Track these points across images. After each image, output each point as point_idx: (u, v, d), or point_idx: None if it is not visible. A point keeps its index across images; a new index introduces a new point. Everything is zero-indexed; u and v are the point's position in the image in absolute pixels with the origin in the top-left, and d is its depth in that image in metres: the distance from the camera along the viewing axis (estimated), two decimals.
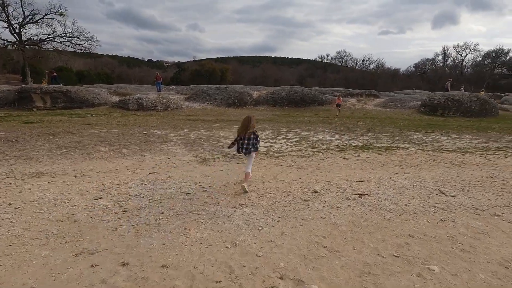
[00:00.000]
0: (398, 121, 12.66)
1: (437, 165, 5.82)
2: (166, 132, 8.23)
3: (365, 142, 8.04)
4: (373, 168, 5.48)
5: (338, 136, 8.84)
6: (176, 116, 12.36)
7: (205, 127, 9.68)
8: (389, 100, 18.47)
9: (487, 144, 8.03)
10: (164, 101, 14.05)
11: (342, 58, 75.81)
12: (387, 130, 10.00)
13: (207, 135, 8.23)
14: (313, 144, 7.57)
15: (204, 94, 17.30)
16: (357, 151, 6.86)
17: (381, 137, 8.80)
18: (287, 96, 17.58)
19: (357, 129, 10.11)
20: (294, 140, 8.10)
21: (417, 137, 8.84)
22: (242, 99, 17.06)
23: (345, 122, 11.89)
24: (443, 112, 15.41)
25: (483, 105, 16.38)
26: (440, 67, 67.66)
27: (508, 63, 61.94)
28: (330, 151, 6.87)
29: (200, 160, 5.84)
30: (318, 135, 8.94)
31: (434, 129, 10.70)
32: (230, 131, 9.04)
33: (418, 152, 6.95)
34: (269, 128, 10.00)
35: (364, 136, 8.91)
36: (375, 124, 11.50)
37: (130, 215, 3.27)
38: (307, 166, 5.57)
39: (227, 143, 7.34)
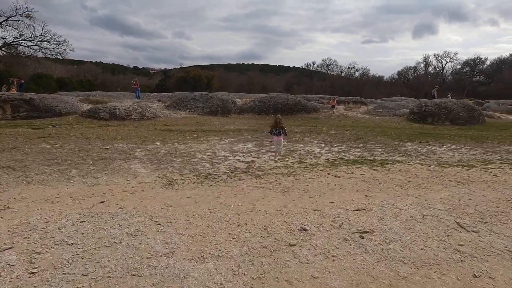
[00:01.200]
0: (389, 130, 12.07)
1: (441, 184, 5.07)
2: (133, 146, 7.18)
3: (357, 155, 7.27)
4: (371, 190, 4.65)
5: (328, 148, 8.04)
6: (151, 126, 11.28)
7: (181, 139, 8.67)
8: (377, 108, 18.03)
9: (487, 156, 7.42)
10: (140, 109, 12.95)
11: (328, 65, 76.68)
12: (379, 141, 9.31)
13: (181, 149, 7.24)
14: (300, 158, 6.72)
15: (185, 102, 16.29)
16: (350, 167, 6.04)
17: (374, 148, 8.07)
18: (273, 104, 16.82)
19: (347, 140, 9.37)
20: None
21: (412, 148, 8.17)
22: (225, 107, 16.16)
23: (334, 132, 11.17)
24: (432, 119, 15.02)
25: (471, 112, 16.16)
26: (422, 75, 69.41)
27: (486, 71, 64.33)
28: (320, 167, 6.03)
29: (166, 182, 4.85)
30: (306, 147, 8.11)
31: (427, 138, 10.11)
32: (208, 144, 8.09)
33: (417, 167, 6.22)
34: (252, 139, 9.10)
35: (356, 147, 8.15)
36: (365, 134, 10.83)
37: (37, 280, 2.25)
38: (294, 188, 4.68)
39: (202, 159, 6.40)
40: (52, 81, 46.40)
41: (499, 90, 52.91)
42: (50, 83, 44.92)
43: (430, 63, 69.28)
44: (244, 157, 6.72)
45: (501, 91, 52.15)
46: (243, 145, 8.08)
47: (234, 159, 6.55)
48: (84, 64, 77.55)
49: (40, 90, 33.56)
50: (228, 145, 8.08)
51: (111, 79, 70.02)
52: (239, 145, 8.07)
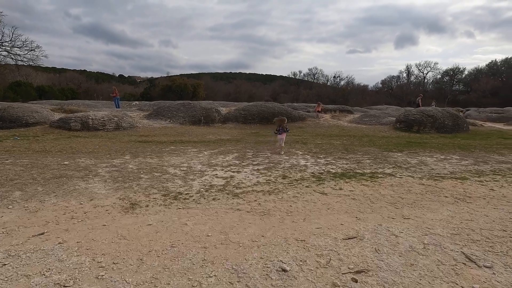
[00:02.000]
0: (376, 139, 11.75)
1: (438, 200, 4.60)
2: (98, 161, 6.41)
3: (345, 167, 6.78)
4: (362, 210, 4.12)
5: (314, 160, 7.53)
6: (126, 137, 10.48)
7: (155, 151, 7.96)
8: (364, 116, 17.87)
9: (478, 167, 7.10)
10: (116, 119, 12.13)
11: (314, 74, 77.69)
12: (367, 151, 8.90)
13: (152, 163, 6.53)
14: (284, 172, 6.16)
15: (166, 111, 15.56)
16: (337, 182, 5.52)
17: (362, 160, 7.62)
18: (258, 112, 16.33)
19: (334, 150, 8.91)
20: (261, 166, 6.64)
21: (402, 159, 7.78)
22: (208, 116, 15.52)
23: (320, 142, 10.72)
24: (418, 128, 14.91)
25: (456, 120, 16.20)
26: (405, 84, 71.34)
27: (464, 80, 66.84)
28: (305, 182, 5.48)
29: (127, 205, 4.15)
30: (291, 159, 7.57)
31: (415, 148, 9.81)
32: (185, 157, 7.41)
33: (409, 180, 5.77)
34: (234, 151, 8.49)
35: (343, 159, 7.68)
36: (353, 144, 10.43)
37: None
38: (275, 209, 4.09)
39: (175, 175, 5.74)
40: (31, 90, 44.77)
41: (477, 99, 55.00)
42: (29, 91, 43.39)
43: (412, 72, 71.46)
44: (222, 172, 6.09)
45: (479, 99, 54.23)
46: (223, 158, 7.45)
47: (211, 174, 5.91)
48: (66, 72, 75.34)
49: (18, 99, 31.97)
50: (206, 158, 7.43)
51: (95, 87, 68.35)
52: (218, 158, 7.44)
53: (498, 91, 56.67)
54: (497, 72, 64.78)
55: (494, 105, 42.99)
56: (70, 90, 53.03)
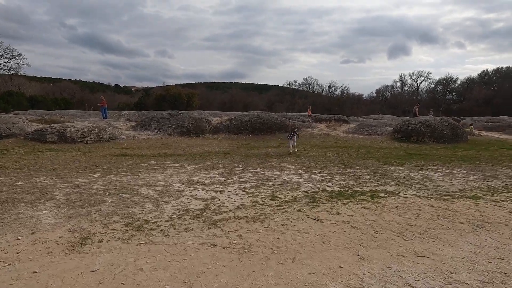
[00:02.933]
0: (374, 151, 11.09)
1: (453, 228, 3.88)
2: (59, 181, 5.60)
3: (342, 184, 6.06)
4: (364, 244, 3.37)
5: (308, 175, 6.80)
6: (105, 150, 9.68)
7: (132, 167, 7.16)
8: (360, 126, 17.30)
9: (489, 183, 6.44)
10: (97, 130, 11.33)
11: (309, 84, 77.96)
12: (366, 164, 8.21)
13: (123, 182, 5.74)
14: (274, 192, 5.41)
15: (154, 121, 14.81)
16: (334, 204, 4.78)
17: (361, 175, 6.92)
18: (251, 122, 15.65)
19: (330, 164, 8.21)
20: (249, 184, 5.89)
21: (404, 174, 7.09)
22: (198, 127, 14.80)
23: (315, 154, 10.02)
24: (417, 138, 14.33)
25: (455, 130, 15.69)
26: (399, 93, 71.81)
27: (457, 89, 67.49)
28: (297, 204, 4.73)
29: (77, 239, 3.36)
30: (283, 174, 6.84)
31: (417, 160, 9.15)
32: (164, 173, 6.63)
33: (415, 200, 5.06)
34: (220, 165, 7.74)
35: (340, 174, 6.97)
36: (350, 156, 9.75)
37: None
38: (259, 244, 3.33)
39: (147, 196, 4.96)
40: (23, 99, 44.14)
41: (470, 107, 55.35)
42: (21, 101, 42.80)
43: (406, 82, 72.09)
44: (203, 192, 5.33)
45: (472, 108, 54.57)
46: (207, 174, 6.69)
47: (190, 195, 5.14)
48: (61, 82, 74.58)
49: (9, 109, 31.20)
50: (188, 174, 6.66)
51: (89, 97, 67.63)
52: (202, 174, 6.67)
53: (490, 100, 57.26)
54: (489, 82, 65.62)
55: (487, 114, 43.11)
56: (64, 100, 52.33)
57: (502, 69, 64.56)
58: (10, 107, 36.98)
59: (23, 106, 38.91)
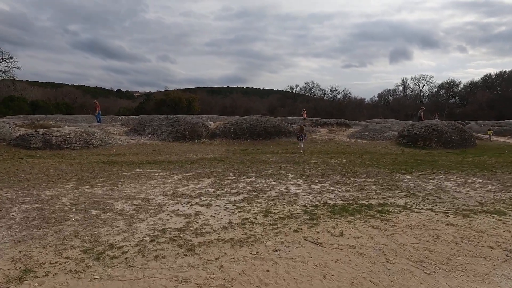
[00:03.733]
0: (379, 157, 10.39)
1: (482, 255, 3.19)
2: (23, 194, 4.95)
3: (346, 196, 5.38)
4: (375, 279, 2.68)
5: (308, 185, 6.12)
6: (90, 157, 9.05)
7: (113, 176, 6.51)
8: (363, 131, 16.61)
9: (511, 194, 5.73)
10: (85, 135, 10.73)
11: (310, 88, 77.56)
12: (371, 173, 7.52)
13: (97, 194, 5.08)
14: (268, 206, 4.73)
15: (148, 126, 14.21)
16: (337, 222, 4.10)
17: (366, 185, 6.22)
18: (249, 127, 15.02)
19: (332, 172, 7.52)
20: (240, 197, 5.22)
21: (414, 184, 6.39)
22: (194, 131, 14.18)
23: (316, 160, 9.34)
24: (424, 143, 13.63)
25: (462, 134, 14.98)
26: (401, 97, 71.14)
27: (460, 93, 66.76)
28: (294, 222, 4.05)
29: (17, 273, 2.70)
30: (279, 185, 6.16)
31: (426, 168, 8.45)
32: (148, 183, 5.97)
33: (431, 217, 4.36)
34: (212, 174, 7.07)
35: (343, 184, 6.28)
36: (353, 163, 9.06)
37: None
38: (242, 281, 2.65)
39: (121, 212, 4.31)
40: (25, 104, 44.28)
41: (474, 111, 54.58)
42: (22, 106, 42.97)
43: (408, 86, 71.52)
44: (187, 206, 4.66)
45: (475, 112, 53.80)
46: (195, 185, 6.02)
47: (171, 210, 4.47)
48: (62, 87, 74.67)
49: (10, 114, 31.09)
50: (174, 184, 6.00)
51: (91, 102, 67.63)
52: (189, 185, 6.01)
53: (494, 104, 56.52)
54: (492, 86, 64.90)
55: (491, 118, 42.32)
56: (65, 105, 52.39)
57: (506, 72, 63.83)
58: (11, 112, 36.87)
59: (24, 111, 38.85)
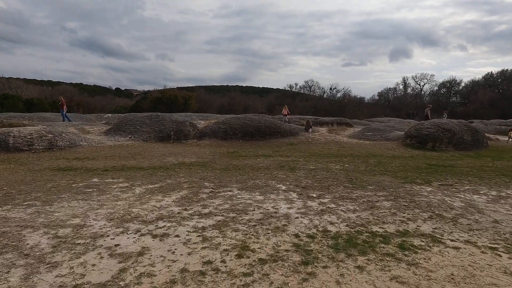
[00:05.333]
0: (387, 161, 9.07)
1: None
2: None
3: (352, 219, 4.06)
4: None
5: (302, 202, 4.80)
6: (48, 161, 7.70)
7: (58, 189, 5.17)
8: (366, 130, 15.29)
9: None
10: (49, 136, 9.38)
11: (310, 87, 76.21)
12: (381, 183, 6.19)
13: (13, 220, 3.73)
14: (246, 238, 3.41)
15: (129, 125, 12.86)
16: (343, 270, 2.78)
17: (377, 201, 4.90)
18: (241, 126, 13.68)
19: (333, 182, 6.20)
20: (212, 221, 3.90)
21: (437, 200, 5.07)
22: (180, 131, 12.83)
23: (314, 166, 8.00)
24: (433, 144, 12.32)
25: (475, 135, 13.68)
26: (402, 96, 69.93)
27: (461, 92, 65.60)
28: (278, 271, 2.73)
29: None
30: (267, 201, 4.83)
31: (444, 175, 7.13)
32: (98, 198, 4.63)
33: (476, 256, 3.04)
34: (185, 185, 5.74)
35: (348, 200, 4.96)
36: (358, 169, 7.73)
37: None
38: None
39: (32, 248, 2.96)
40: (19, 102, 43.38)
41: (475, 110, 53.46)
42: (16, 104, 42.10)
43: (409, 84, 70.41)
44: (133, 239, 3.33)
45: (477, 111, 52.71)
46: (159, 201, 4.69)
47: (108, 246, 3.14)
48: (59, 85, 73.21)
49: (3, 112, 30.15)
50: (130, 201, 4.66)
51: (88, 100, 66.70)
52: (150, 202, 4.67)
53: (496, 102, 55.47)
54: (494, 84, 63.80)
55: (493, 117, 41.16)
56: None
57: (507, 71, 62.66)
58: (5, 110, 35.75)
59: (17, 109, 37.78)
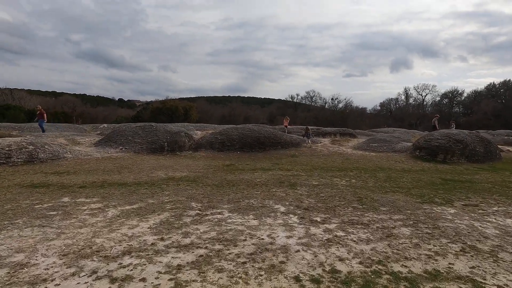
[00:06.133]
0: (397, 176, 8.26)
1: None
2: None
3: (367, 254, 3.25)
4: None
5: (305, 229, 3.99)
6: (23, 176, 6.95)
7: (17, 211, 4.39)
8: (371, 141, 14.51)
9: None
10: (30, 148, 8.68)
11: (311, 97, 76.03)
12: (395, 203, 5.38)
13: None
14: (231, 283, 2.61)
15: (120, 136, 12.18)
16: None
17: (393, 227, 4.09)
18: (239, 137, 12.96)
19: (340, 201, 5.40)
20: (192, 256, 3.10)
21: (465, 225, 4.26)
22: (175, 142, 12.12)
23: (317, 181, 7.20)
24: (445, 156, 11.51)
25: (487, 146, 12.88)
26: (404, 106, 69.47)
27: (464, 102, 65.05)
28: None
29: None
30: (262, 226, 4.03)
31: (465, 193, 6.31)
32: (60, 224, 3.85)
33: None
34: (167, 206, 4.95)
35: (359, 225, 4.15)
36: (366, 185, 6.93)
37: None
38: None
39: None
40: (20, 113, 43.51)
41: (479, 121, 52.68)
42: (17, 115, 42.21)
43: (411, 95, 70.12)
44: (85, 285, 2.54)
45: (480, 121, 51.92)
46: (132, 228, 3.90)
47: None
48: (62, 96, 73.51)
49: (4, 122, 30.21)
50: (97, 228, 3.88)
51: (89, 111, 66.90)
52: (122, 228, 3.88)
53: (500, 113, 54.79)
54: (497, 94, 63.37)
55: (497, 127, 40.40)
56: (63, 114, 51.46)
57: (510, 81, 62.26)
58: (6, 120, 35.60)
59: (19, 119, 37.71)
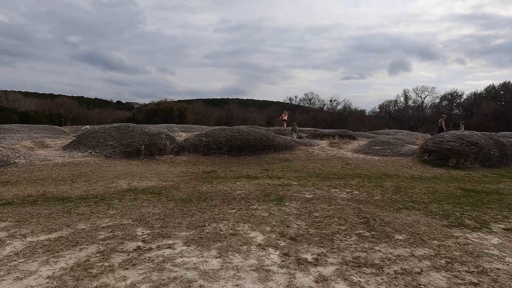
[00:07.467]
0: (407, 185, 6.91)
1: None
2: None
3: None
4: None
5: (288, 275, 2.63)
6: None
7: None
8: (373, 144, 13.20)
9: None
10: None
11: (310, 99, 74.90)
12: (413, 226, 4.04)
13: None
14: None
15: (92, 138, 10.82)
16: None
17: (419, 272, 2.75)
18: (227, 139, 11.61)
19: (339, 224, 4.05)
20: None
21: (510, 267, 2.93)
22: (154, 145, 10.77)
23: (311, 195, 5.84)
24: (457, 161, 10.20)
25: (502, 149, 11.60)
26: (403, 108, 68.54)
27: (463, 104, 64.14)
28: None
29: None
30: (224, 270, 2.67)
31: (498, 209, 4.98)
32: None
33: None
34: (101, 234, 3.58)
35: (368, 268, 2.80)
36: (372, 199, 5.58)
37: None
38: None
39: None
40: (13, 115, 42.23)
41: (479, 123, 51.69)
42: (10, 116, 40.88)
43: (410, 97, 69.37)
44: None
45: (481, 123, 50.93)
46: (28, 276, 2.53)
47: None
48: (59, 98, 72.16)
49: None
50: None
51: (86, 113, 65.62)
52: (10, 274, 2.52)
53: (500, 115, 53.89)
54: (496, 96, 62.56)
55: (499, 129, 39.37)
56: (59, 116, 50.19)
57: (510, 83, 61.47)
58: None
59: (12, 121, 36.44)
